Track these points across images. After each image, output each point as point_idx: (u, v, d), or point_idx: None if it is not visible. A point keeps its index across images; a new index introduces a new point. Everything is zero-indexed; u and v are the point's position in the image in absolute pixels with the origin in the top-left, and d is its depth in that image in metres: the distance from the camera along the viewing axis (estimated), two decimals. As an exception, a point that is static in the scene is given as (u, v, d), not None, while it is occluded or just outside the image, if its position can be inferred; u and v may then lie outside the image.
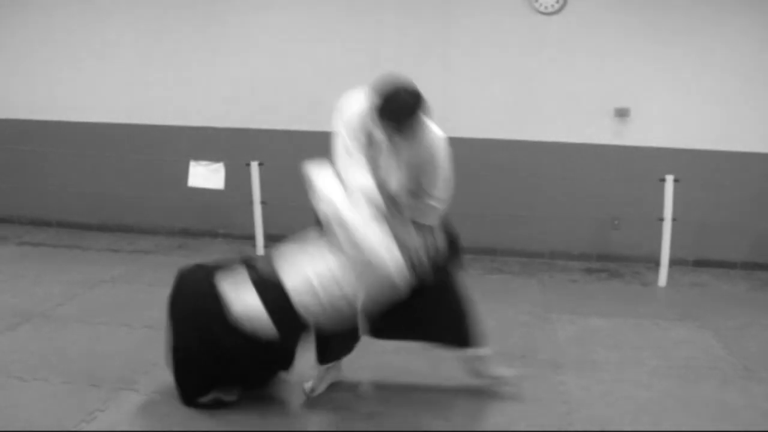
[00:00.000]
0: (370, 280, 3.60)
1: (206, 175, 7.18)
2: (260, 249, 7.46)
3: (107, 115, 8.10)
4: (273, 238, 7.66)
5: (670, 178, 6.54)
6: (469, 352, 4.25)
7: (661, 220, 6.66)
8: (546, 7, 7.20)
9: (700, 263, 7.48)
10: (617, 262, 7.52)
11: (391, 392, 4.32)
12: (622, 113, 7.19)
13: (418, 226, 3.94)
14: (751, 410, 4.19)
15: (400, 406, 4.15)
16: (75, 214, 8.48)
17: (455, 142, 7.38)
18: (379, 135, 3.80)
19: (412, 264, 3.79)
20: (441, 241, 4.07)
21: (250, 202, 7.36)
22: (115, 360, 4.71)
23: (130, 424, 3.86)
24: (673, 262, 6.96)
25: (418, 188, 3.91)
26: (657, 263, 6.83)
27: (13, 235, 8.10)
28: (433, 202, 3.94)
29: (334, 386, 4.31)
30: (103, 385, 4.32)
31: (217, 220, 8.15)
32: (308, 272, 3.68)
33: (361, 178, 3.71)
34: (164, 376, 4.44)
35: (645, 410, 4.15)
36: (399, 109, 3.66)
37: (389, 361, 4.71)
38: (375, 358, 4.66)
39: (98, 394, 4.19)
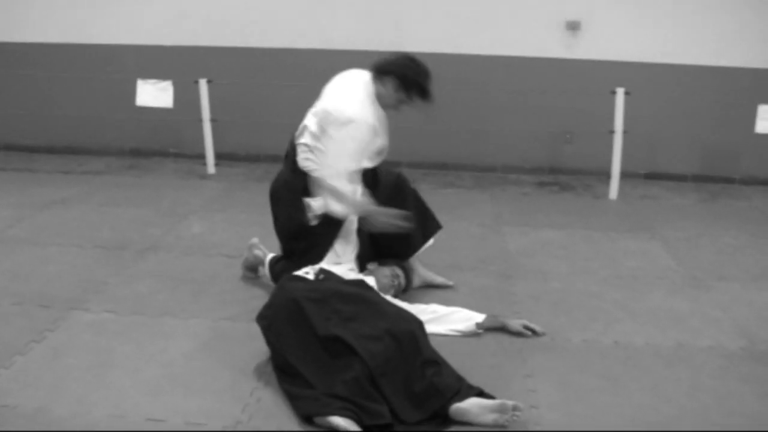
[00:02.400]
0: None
1: (154, 94, 7.07)
2: (211, 167, 7.40)
3: (54, 35, 7.87)
4: (224, 157, 7.64)
5: (620, 91, 6.55)
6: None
7: (612, 132, 6.68)
8: None
9: (652, 176, 7.55)
10: (569, 175, 7.56)
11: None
12: (573, 26, 7.15)
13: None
14: (697, 317, 4.28)
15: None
16: (23, 137, 8.29)
17: (407, 57, 7.38)
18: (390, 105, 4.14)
19: None
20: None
21: (200, 120, 7.26)
22: (66, 280, 4.66)
23: (79, 342, 3.84)
24: (625, 175, 7.03)
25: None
26: (609, 176, 6.87)
27: (-42, 159, 7.95)
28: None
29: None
30: (53, 305, 4.28)
31: (168, 140, 8.04)
32: None
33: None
34: (115, 294, 4.45)
35: (594, 319, 4.22)
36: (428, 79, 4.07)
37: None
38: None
39: (49, 314, 4.15)
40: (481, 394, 3.19)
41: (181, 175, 7.39)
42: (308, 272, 3.83)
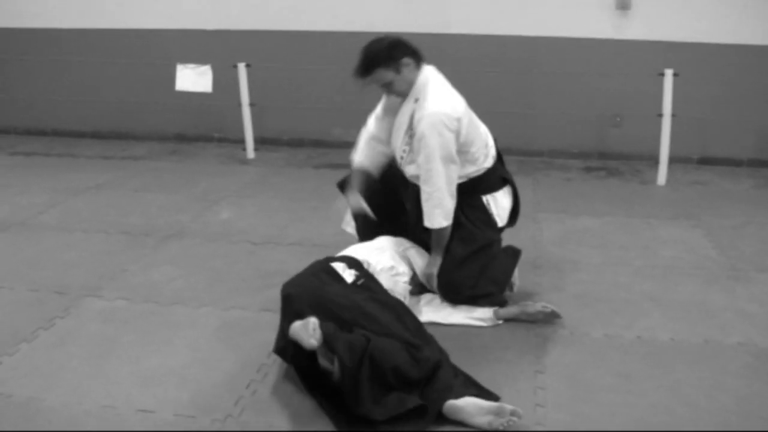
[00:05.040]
0: None
1: (193, 79, 7.03)
2: (250, 152, 7.33)
3: (96, 21, 7.88)
4: (267, 142, 7.58)
5: (669, 72, 6.27)
6: None
7: (660, 116, 6.41)
8: None
9: (705, 161, 7.23)
10: (618, 160, 7.29)
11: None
12: (623, 5, 6.87)
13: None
14: (731, 311, 4.03)
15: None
16: (69, 123, 8.36)
17: (451, 39, 7.24)
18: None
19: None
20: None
21: (240, 105, 7.19)
22: (86, 267, 4.65)
23: (86, 331, 3.79)
24: (677, 160, 6.77)
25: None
26: (658, 161, 6.60)
27: (6, 145, 8.02)
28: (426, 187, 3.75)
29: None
30: (68, 292, 4.26)
31: (211, 124, 8.00)
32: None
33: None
34: (131, 281, 4.41)
35: (618, 313, 4.00)
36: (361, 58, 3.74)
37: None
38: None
39: (61, 301, 4.13)
40: (480, 394, 3.03)
41: (221, 159, 7.34)
42: (351, 272, 3.54)
